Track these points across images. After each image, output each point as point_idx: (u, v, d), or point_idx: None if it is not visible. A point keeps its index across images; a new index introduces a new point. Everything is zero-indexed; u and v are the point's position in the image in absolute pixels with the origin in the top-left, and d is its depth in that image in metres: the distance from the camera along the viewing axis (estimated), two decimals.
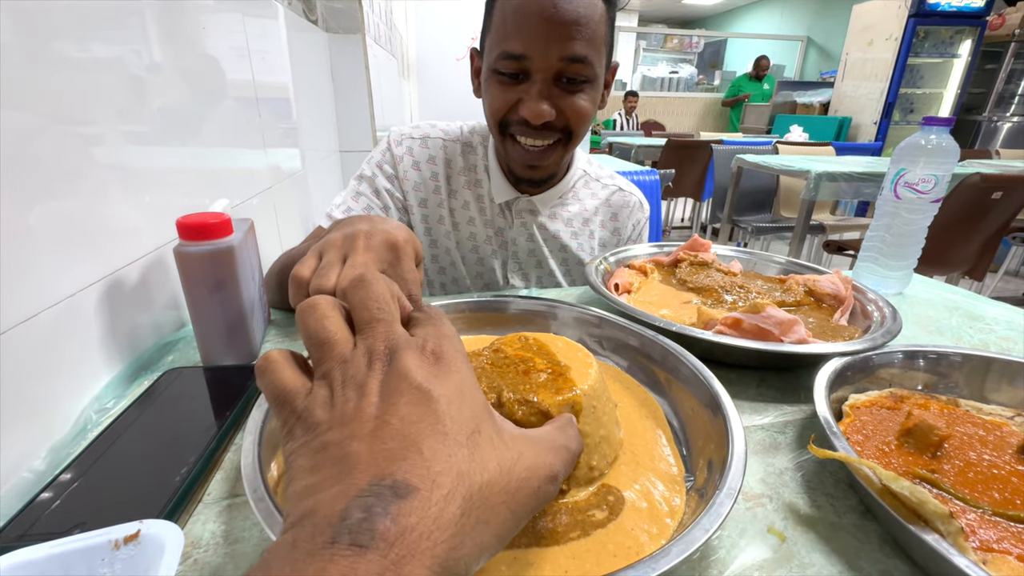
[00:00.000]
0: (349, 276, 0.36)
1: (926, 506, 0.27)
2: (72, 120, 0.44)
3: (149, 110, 0.56)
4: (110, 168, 0.48)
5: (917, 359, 0.46)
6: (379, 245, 0.39)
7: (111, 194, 0.48)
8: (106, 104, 0.48)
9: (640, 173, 1.66)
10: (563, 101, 0.64)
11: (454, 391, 0.21)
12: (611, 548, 0.29)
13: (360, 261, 0.37)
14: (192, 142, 0.65)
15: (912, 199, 0.67)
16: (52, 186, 0.40)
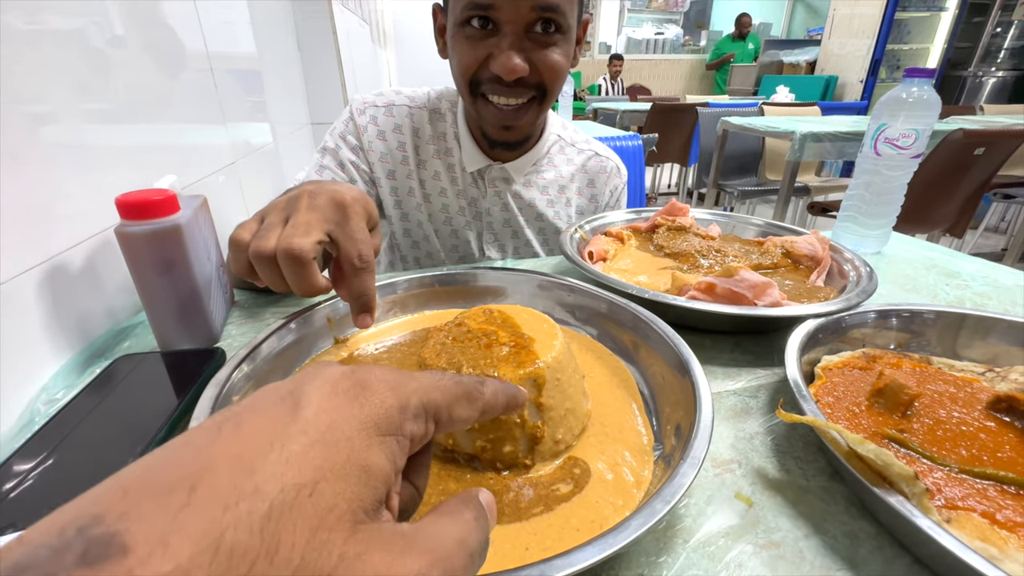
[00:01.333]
0: (288, 236, 0.34)
1: (891, 468, 0.26)
2: (22, 98, 0.40)
3: (107, 86, 0.53)
4: (52, 147, 0.45)
5: (890, 318, 0.45)
6: (324, 204, 0.36)
7: (52, 175, 0.45)
8: (52, 80, 0.45)
9: (622, 139, 1.62)
10: (536, 55, 0.61)
11: (334, 420, 0.15)
12: (574, 522, 0.28)
13: (302, 221, 0.35)
14: (142, 118, 0.61)
15: (892, 155, 0.66)
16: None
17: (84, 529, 0.10)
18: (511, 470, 0.32)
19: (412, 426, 0.17)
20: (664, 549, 0.28)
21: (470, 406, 0.20)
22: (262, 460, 0.13)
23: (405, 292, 0.51)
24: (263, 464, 0.13)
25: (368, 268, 0.37)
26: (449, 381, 0.19)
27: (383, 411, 0.16)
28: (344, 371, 0.17)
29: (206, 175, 0.75)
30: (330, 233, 0.35)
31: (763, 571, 0.27)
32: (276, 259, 0.34)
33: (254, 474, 0.12)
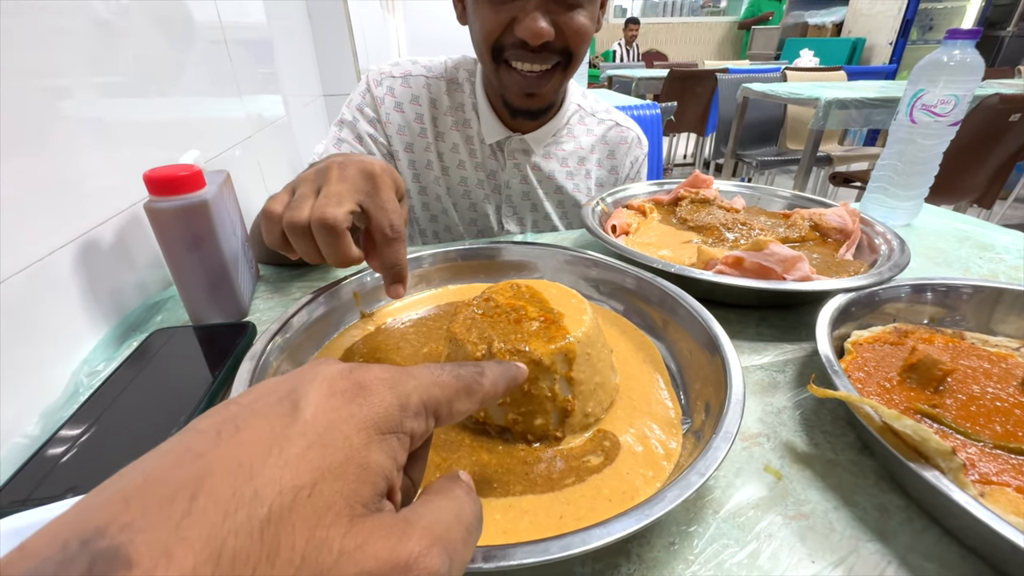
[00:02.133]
0: (321, 207, 0.34)
1: (928, 444, 0.26)
2: (36, 72, 0.40)
3: (118, 59, 0.52)
4: (78, 122, 0.45)
5: (924, 292, 0.44)
6: (354, 175, 0.36)
7: (79, 151, 0.45)
8: (72, 53, 0.45)
9: (640, 107, 1.57)
10: (561, 18, 0.59)
11: (333, 420, 0.15)
12: (606, 493, 0.29)
13: (334, 191, 0.35)
14: (163, 91, 0.61)
15: (928, 123, 0.63)
16: (15, 144, 0.38)
17: (88, 542, 0.10)
18: (542, 442, 0.33)
19: (412, 423, 0.17)
20: (695, 519, 0.29)
21: (469, 399, 0.20)
22: (261, 465, 0.13)
23: (429, 266, 0.52)
24: (262, 469, 0.13)
25: (399, 238, 0.36)
26: (448, 376, 0.19)
27: (382, 410, 0.16)
28: (342, 370, 0.17)
29: (225, 149, 0.75)
30: (361, 203, 0.35)
31: (793, 541, 0.28)
32: (310, 230, 0.34)
33: (253, 479, 0.12)
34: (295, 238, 0.34)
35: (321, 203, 0.34)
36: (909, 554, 0.27)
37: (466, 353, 0.33)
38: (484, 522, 0.27)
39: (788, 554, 0.27)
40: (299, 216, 0.33)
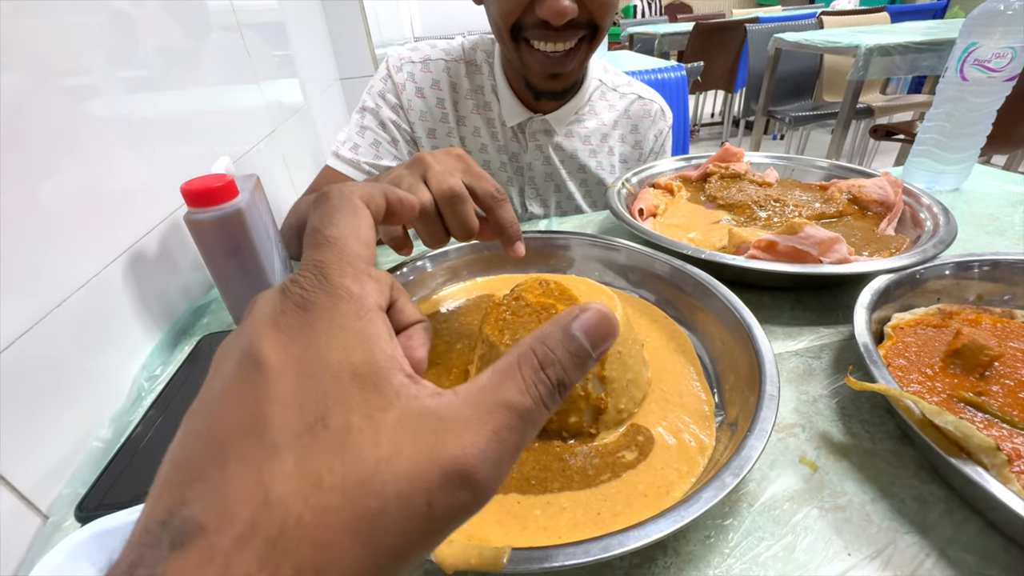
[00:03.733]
0: (440, 182, 0.35)
1: (971, 440, 0.26)
2: (61, 71, 0.42)
3: (138, 51, 0.53)
4: (107, 122, 0.47)
5: (971, 269, 0.42)
6: (445, 158, 0.37)
7: (112, 154, 0.47)
8: (94, 48, 0.46)
9: (664, 70, 1.50)
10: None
11: (300, 354, 0.14)
12: (641, 488, 0.30)
13: (440, 171, 0.36)
14: (184, 84, 0.62)
15: (981, 79, 0.59)
16: (55, 153, 0.39)
17: (165, 523, 0.12)
18: (576, 439, 0.33)
19: (369, 298, 0.16)
20: (730, 512, 0.29)
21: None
22: (263, 422, 0.13)
23: (457, 259, 0.52)
24: (266, 425, 0.13)
25: (506, 199, 0.38)
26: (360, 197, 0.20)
27: (332, 314, 0.15)
28: (275, 301, 0.16)
29: (251, 147, 0.77)
30: (462, 179, 0.36)
31: (829, 534, 0.28)
32: (435, 209, 0.35)
33: (264, 435, 0.13)
34: (422, 221, 0.35)
35: (437, 180, 0.35)
36: (949, 546, 0.27)
37: (499, 354, 0.33)
38: (523, 519, 0.29)
39: (824, 547, 0.27)
40: (425, 199, 0.35)
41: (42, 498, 0.34)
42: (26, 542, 0.32)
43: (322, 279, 0.16)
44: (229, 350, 0.15)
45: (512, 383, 0.15)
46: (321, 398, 0.14)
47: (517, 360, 0.15)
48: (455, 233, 0.36)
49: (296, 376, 0.14)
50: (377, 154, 0.69)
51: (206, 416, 0.14)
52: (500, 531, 0.28)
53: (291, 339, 0.15)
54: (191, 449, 0.14)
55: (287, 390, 0.14)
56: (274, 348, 0.14)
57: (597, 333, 0.16)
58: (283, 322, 0.15)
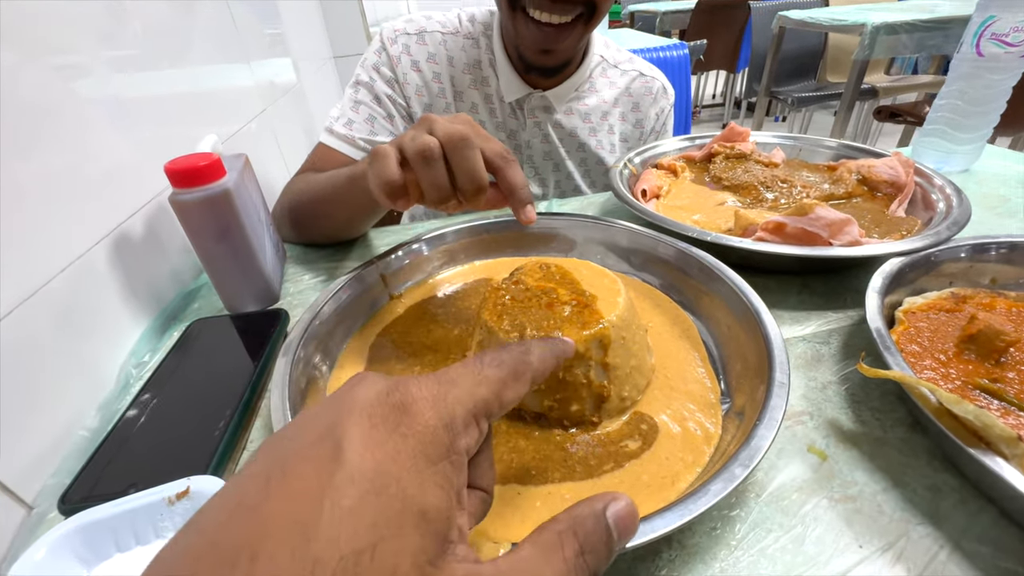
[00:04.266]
0: (447, 129, 0.34)
1: (992, 430, 0.25)
2: (46, 50, 0.40)
3: (126, 31, 0.51)
4: (94, 103, 0.45)
5: (987, 252, 0.41)
6: (454, 118, 0.36)
7: (99, 135, 0.45)
8: (80, 25, 0.44)
9: (666, 48, 1.47)
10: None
11: (381, 463, 0.14)
12: (645, 479, 0.29)
13: (446, 122, 0.35)
14: (173, 64, 0.60)
15: (998, 55, 0.56)
16: (38, 134, 0.38)
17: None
18: (578, 427, 0.32)
19: (463, 440, 0.16)
20: (737, 503, 0.28)
21: (518, 383, 0.19)
22: (316, 522, 0.12)
23: (455, 242, 0.51)
24: (317, 528, 0.12)
25: (515, 161, 0.36)
26: (490, 369, 0.18)
27: (429, 436, 0.15)
28: (379, 392, 0.16)
29: (241, 126, 0.74)
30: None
31: (840, 525, 0.27)
32: (442, 153, 0.34)
33: (311, 542, 0.12)
34: (426, 165, 0.34)
35: (444, 128, 0.34)
36: (963, 537, 0.26)
37: (499, 341, 0.32)
38: (524, 510, 0.28)
39: (834, 539, 0.27)
40: (430, 140, 0.33)
41: (26, 489, 0.33)
42: (10, 534, 0.31)
43: (439, 398, 0.16)
44: (315, 419, 0.15)
45: (556, 563, 0.14)
46: (381, 523, 0.13)
47: (559, 539, 0.15)
48: (462, 183, 0.34)
49: (369, 485, 0.13)
50: (372, 130, 0.66)
51: (262, 486, 0.13)
52: (499, 524, 0.27)
53: (380, 442, 0.14)
54: (226, 518, 0.13)
55: (353, 497, 0.13)
56: (361, 443, 0.14)
57: (627, 527, 0.16)
58: (378, 415, 0.15)
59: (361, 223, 0.55)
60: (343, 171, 0.50)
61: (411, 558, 0.13)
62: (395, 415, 0.15)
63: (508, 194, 0.36)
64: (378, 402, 0.15)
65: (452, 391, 0.16)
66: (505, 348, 0.20)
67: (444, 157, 0.34)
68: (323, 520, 0.12)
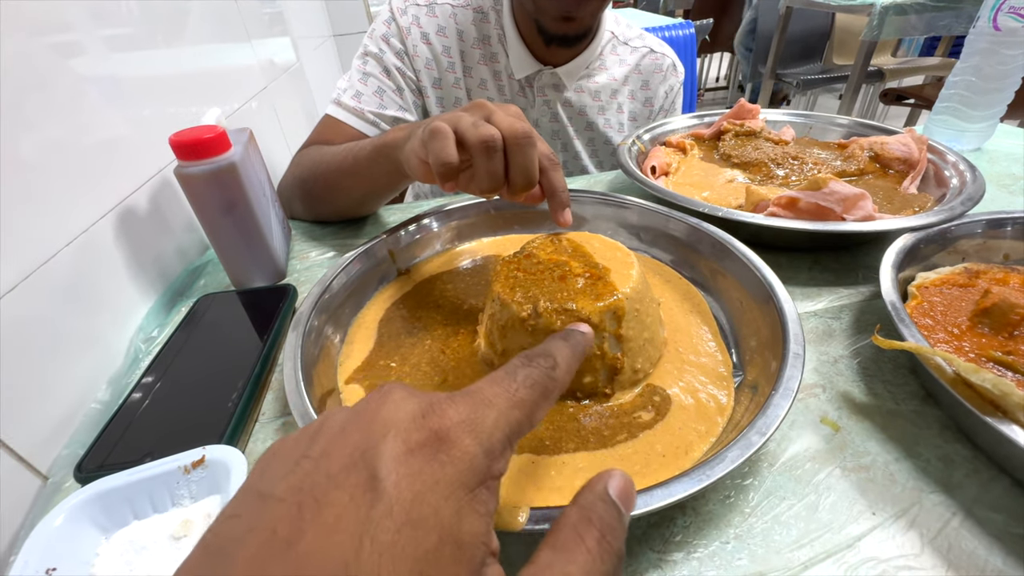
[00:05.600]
0: (511, 124, 0.34)
1: (1010, 398, 0.25)
2: (45, 28, 0.39)
3: (121, 8, 0.50)
4: (92, 81, 0.44)
5: (1003, 227, 0.40)
6: (505, 107, 0.36)
7: (99, 112, 0.44)
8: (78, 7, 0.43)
9: (672, 27, 1.44)
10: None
11: (419, 493, 0.13)
12: (659, 448, 0.29)
13: (504, 115, 0.35)
14: (170, 42, 0.58)
15: (1016, 29, 0.55)
16: (38, 109, 0.37)
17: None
18: (591, 399, 0.32)
19: (499, 464, 0.15)
20: (750, 472, 0.29)
21: (548, 402, 0.18)
22: (355, 560, 0.12)
23: (462, 219, 0.50)
24: (358, 565, 0.12)
25: (559, 164, 0.37)
26: (524, 390, 0.17)
27: (467, 465, 0.14)
28: (413, 415, 0.15)
29: (243, 103, 0.73)
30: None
31: (853, 493, 0.27)
32: (504, 145, 0.34)
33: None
34: (488, 155, 0.34)
35: (509, 121, 0.34)
36: (975, 505, 0.26)
37: (511, 313, 0.32)
38: (538, 479, 0.28)
39: (848, 506, 0.27)
40: (495, 132, 0.33)
41: (41, 460, 0.33)
42: (27, 503, 0.31)
43: (477, 424, 0.15)
44: (343, 438, 0.15)
45: (580, 556, 0.14)
46: (420, 557, 0.12)
47: (575, 532, 0.15)
48: (516, 177, 0.35)
49: (406, 517, 0.13)
50: (381, 103, 0.65)
51: (295, 515, 0.13)
52: (515, 490, 0.27)
53: (417, 471, 0.14)
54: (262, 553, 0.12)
55: (391, 531, 0.12)
56: (397, 471, 0.13)
57: (629, 498, 0.16)
58: (414, 441, 0.14)
59: (379, 198, 0.54)
60: (367, 141, 0.49)
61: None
62: (433, 441, 0.14)
63: (549, 195, 0.37)
64: (414, 427, 0.15)
65: (489, 415, 0.16)
66: (532, 360, 0.19)
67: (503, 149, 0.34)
68: (363, 557, 0.12)
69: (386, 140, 0.45)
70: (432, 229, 0.48)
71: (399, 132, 0.44)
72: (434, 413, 0.15)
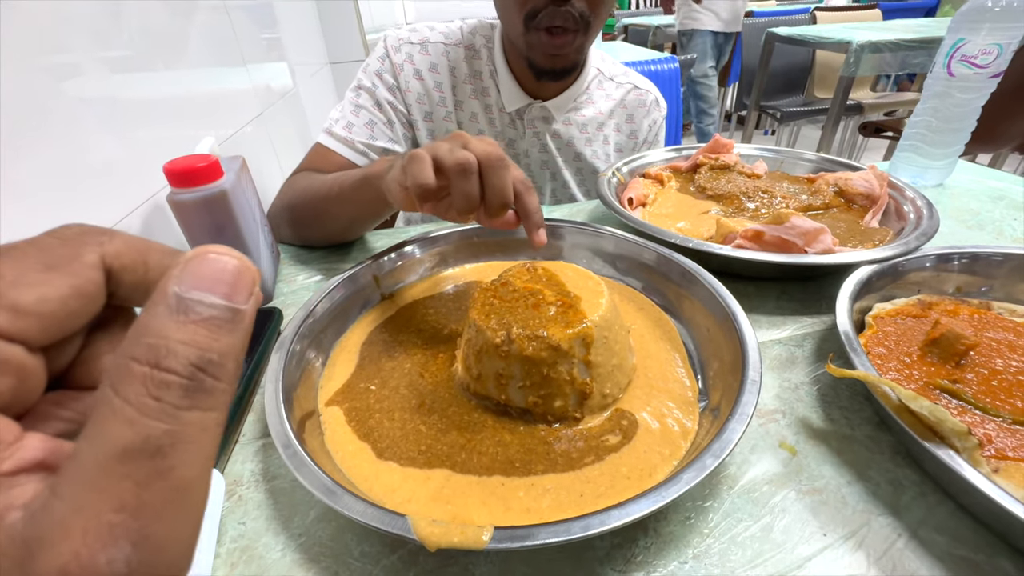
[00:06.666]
0: (486, 149, 0.37)
1: (944, 424, 0.27)
2: (39, 51, 0.40)
3: (122, 32, 0.52)
4: (88, 103, 0.45)
5: (951, 261, 0.43)
6: (483, 141, 0.38)
7: (94, 135, 0.46)
8: (74, 25, 0.45)
9: (658, 62, 1.50)
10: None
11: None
12: (624, 471, 0.30)
13: (480, 142, 0.37)
14: (169, 65, 0.60)
15: (968, 75, 0.59)
16: (33, 131, 0.38)
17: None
18: (561, 422, 0.34)
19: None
20: (711, 495, 0.30)
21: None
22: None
23: (445, 246, 0.52)
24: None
25: (533, 188, 0.40)
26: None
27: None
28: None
29: (237, 130, 0.75)
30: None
31: (806, 515, 0.29)
32: (478, 168, 0.37)
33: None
34: (463, 177, 0.36)
35: (483, 146, 0.37)
36: (921, 527, 0.28)
37: (486, 339, 0.33)
38: (507, 500, 0.29)
39: (800, 528, 0.28)
40: (469, 155, 0.36)
41: None
42: None
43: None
44: None
45: (114, 421, 0.10)
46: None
47: (112, 390, 0.10)
48: (491, 199, 0.37)
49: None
50: (372, 135, 0.68)
51: None
52: (484, 511, 0.28)
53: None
54: None
55: None
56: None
57: (218, 279, 0.11)
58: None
59: (364, 224, 0.56)
60: (354, 171, 0.52)
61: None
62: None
63: (524, 217, 0.40)
64: None
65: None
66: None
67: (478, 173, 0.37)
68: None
69: (370, 171, 0.48)
70: (415, 255, 0.50)
71: (383, 164, 0.46)
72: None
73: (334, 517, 0.30)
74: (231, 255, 0.12)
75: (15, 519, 0.10)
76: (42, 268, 0.12)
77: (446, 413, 0.35)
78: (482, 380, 0.35)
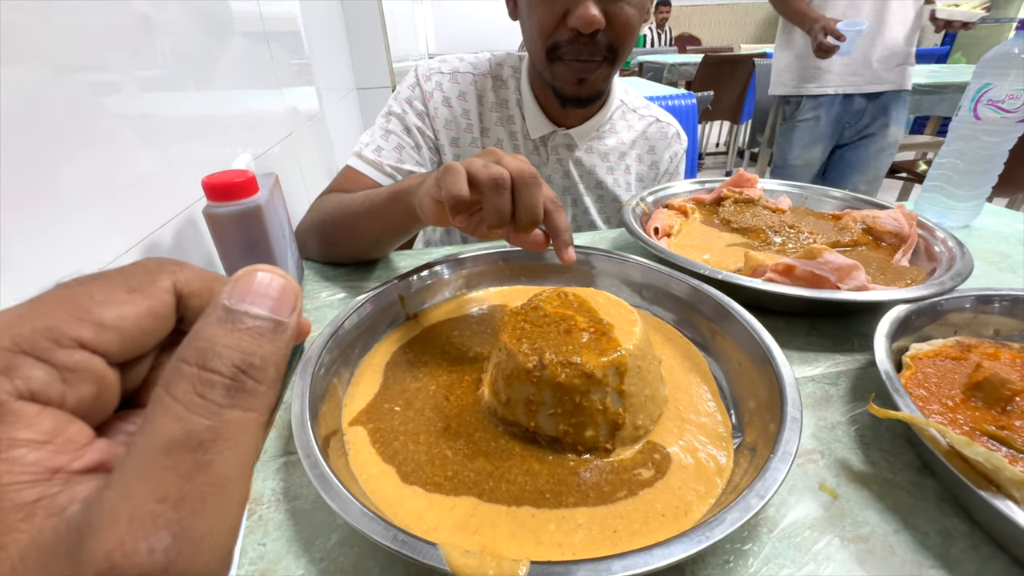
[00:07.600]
0: (519, 165, 0.37)
1: (1002, 473, 0.25)
2: (80, 67, 0.42)
3: (157, 52, 0.54)
4: (125, 119, 0.47)
5: (991, 303, 0.42)
6: (516, 159, 0.39)
7: (130, 149, 0.47)
8: (115, 46, 0.46)
9: (675, 97, 1.53)
10: (612, 8, 0.59)
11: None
12: (659, 508, 0.29)
13: (515, 159, 0.38)
14: (201, 86, 0.62)
15: (995, 119, 0.60)
16: (74, 142, 0.39)
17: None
18: (591, 453, 0.33)
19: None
20: (749, 537, 0.29)
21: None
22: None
23: (471, 268, 0.52)
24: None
25: (562, 207, 0.41)
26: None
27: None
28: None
29: (267, 148, 0.77)
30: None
31: (852, 565, 0.27)
32: (512, 184, 0.37)
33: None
34: (496, 192, 0.37)
35: (517, 163, 0.37)
36: None
37: (517, 364, 0.33)
38: (538, 533, 0.28)
39: None
40: (503, 171, 0.36)
41: None
42: None
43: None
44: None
45: (163, 417, 0.11)
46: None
47: (164, 389, 0.11)
48: (522, 214, 0.38)
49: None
50: (400, 158, 0.69)
51: None
52: (514, 544, 0.27)
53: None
54: None
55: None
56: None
57: (264, 294, 0.13)
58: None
59: (390, 241, 0.57)
60: (381, 189, 0.54)
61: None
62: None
63: (553, 235, 0.40)
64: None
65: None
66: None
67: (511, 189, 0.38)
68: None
69: (401, 187, 0.49)
70: (442, 276, 0.50)
71: (414, 179, 0.47)
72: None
73: (357, 542, 0.29)
74: (277, 274, 0.13)
75: (75, 510, 0.11)
76: (126, 290, 0.14)
77: (472, 438, 0.34)
78: (511, 406, 0.34)
